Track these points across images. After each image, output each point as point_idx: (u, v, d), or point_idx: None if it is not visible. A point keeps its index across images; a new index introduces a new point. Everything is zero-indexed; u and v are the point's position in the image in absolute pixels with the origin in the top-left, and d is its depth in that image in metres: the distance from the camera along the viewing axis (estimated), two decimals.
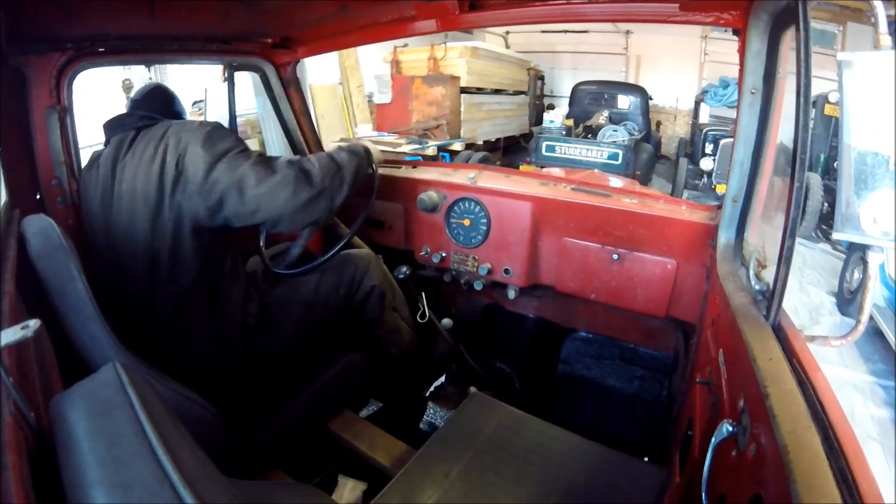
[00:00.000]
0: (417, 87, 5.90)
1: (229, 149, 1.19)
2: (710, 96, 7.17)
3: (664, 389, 1.80)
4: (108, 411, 0.61)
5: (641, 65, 9.08)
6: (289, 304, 1.42)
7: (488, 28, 8.55)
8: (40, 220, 0.99)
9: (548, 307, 2.10)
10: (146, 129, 1.25)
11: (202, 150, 1.17)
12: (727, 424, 0.75)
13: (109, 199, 1.21)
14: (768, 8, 1.03)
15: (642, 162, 5.84)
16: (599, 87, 7.16)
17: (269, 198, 1.17)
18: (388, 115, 5.95)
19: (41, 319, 0.60)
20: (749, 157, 1.20)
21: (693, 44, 8.32)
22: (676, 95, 8.64)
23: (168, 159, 1.17)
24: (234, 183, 1.16)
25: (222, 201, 1.17)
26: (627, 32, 8.83)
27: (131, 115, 1.30)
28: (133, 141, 1.23)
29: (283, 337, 1.39)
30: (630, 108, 6.93)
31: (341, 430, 1.57)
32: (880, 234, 0.66)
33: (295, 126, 2.04)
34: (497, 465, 1.15)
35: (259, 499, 0.82)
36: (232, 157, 1.19)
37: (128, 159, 1.21)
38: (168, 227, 1.18)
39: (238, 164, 1.18)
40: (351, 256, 1.61)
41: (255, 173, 1.17)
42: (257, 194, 1.16)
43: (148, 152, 1.19)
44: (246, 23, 1.61)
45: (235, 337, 1.29)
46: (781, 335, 0.80)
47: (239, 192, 1.16)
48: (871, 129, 0.66)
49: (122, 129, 1.27)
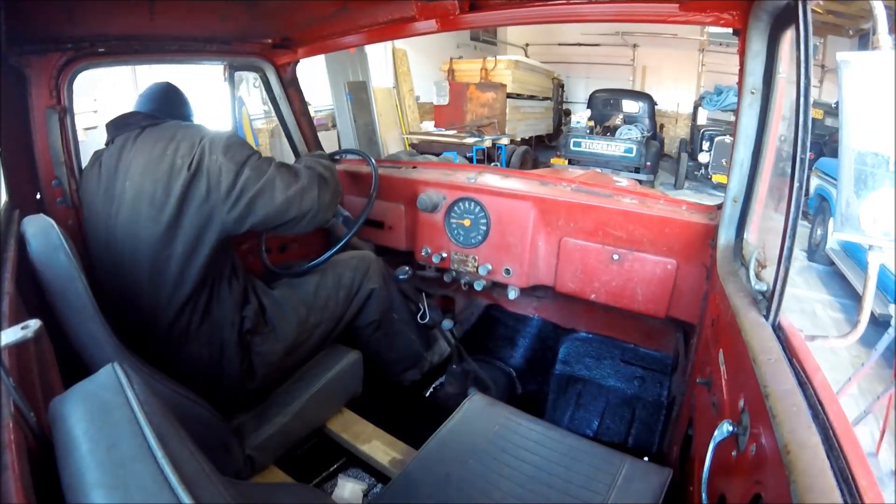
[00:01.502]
0: (472, 92, 7.14)
1: (250, 155, 1.23)
2: (706, 101, 8.11)
3: (664, 389, 1.80)
4: (107, 412, 0.61)
5: (647, 74, 10.29)
6: (287, 306, 1.41)
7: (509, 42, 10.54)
8: (40, 220, 0.99)
9: (548, 307, 2.10)
10: (151, 128, 1.23)
11: (224, 158, 1.18)
12: (727, 424, 0.75)
13: (111, 199, 1.20)
14: (768, 8, 1.03)
15: (652, 154, 7.04)
16: (613, 94, 8.45)
17: (298, 200, 1.27)
18: (446, 115, 7.08)
19: (41, 319, 0.60)
20: (749, 157, 1.20)
21: (692, 56, 9.49)
22: (677, 101, 9.82)
23: (179, 163, 1.16)
24: (263, 189, 1.21)
25: (252, 208, 1.20)
26: (634, 46, 10.00)
27: (136, 114, 1.28)
28: (137, 139, 1.22)
29: (281, 339, 1.38)
30: (639, 112, 8.13)
31: (341, 430, 1.57)
32: (880, 234, 0.66)
33: (295, 126, 2.04)
34: (497, 465, 1.15)
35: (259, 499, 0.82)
36: (255, 163, 1.22)
37: (133, 158, 1.19)
38: (189, 235, 1.17)
39: (263, 171, 1.23)
40: (351, 258, 1.60)
41: (281, 179, 1.24)
42: (287, 198, 1.24)
43: (156, 152, 1.18)
44: (246, 23, 1.61)
45: (230, 339, 1.28)
46: (781, 335, 0.80)
47: (270, 196, 1.22)
48: (870, 130, 0.66)
49: (126, 128, 1.25)
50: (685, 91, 9.71)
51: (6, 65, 1.17)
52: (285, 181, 1.25)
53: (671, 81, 9.92)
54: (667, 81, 9.96)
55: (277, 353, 1.37)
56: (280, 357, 1.38)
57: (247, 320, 1.32)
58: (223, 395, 1.28)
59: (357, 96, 6.48)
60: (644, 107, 8.16)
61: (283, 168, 1.28)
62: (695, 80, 9.64)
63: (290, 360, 1.42)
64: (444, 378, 1.94)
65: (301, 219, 1.29)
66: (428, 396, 1.93)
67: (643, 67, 10.29)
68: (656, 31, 9.43)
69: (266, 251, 1.67)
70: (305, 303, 1.45)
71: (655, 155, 7.18)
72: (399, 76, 7.50)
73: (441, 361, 1.92)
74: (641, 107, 8.16)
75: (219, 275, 1.28)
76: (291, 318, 1.40)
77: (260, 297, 1.39)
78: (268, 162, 1.26)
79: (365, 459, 1.51)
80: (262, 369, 1.34)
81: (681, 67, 9.72)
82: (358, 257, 1.62)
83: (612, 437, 1.74)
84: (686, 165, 7.41)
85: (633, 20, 1.44)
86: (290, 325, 1.40)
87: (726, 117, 7.46)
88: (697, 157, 7.03)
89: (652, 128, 8.05)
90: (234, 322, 1.29)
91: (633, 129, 7.53)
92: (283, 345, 1.38)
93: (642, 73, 10.32)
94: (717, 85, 8.40)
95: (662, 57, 9.86)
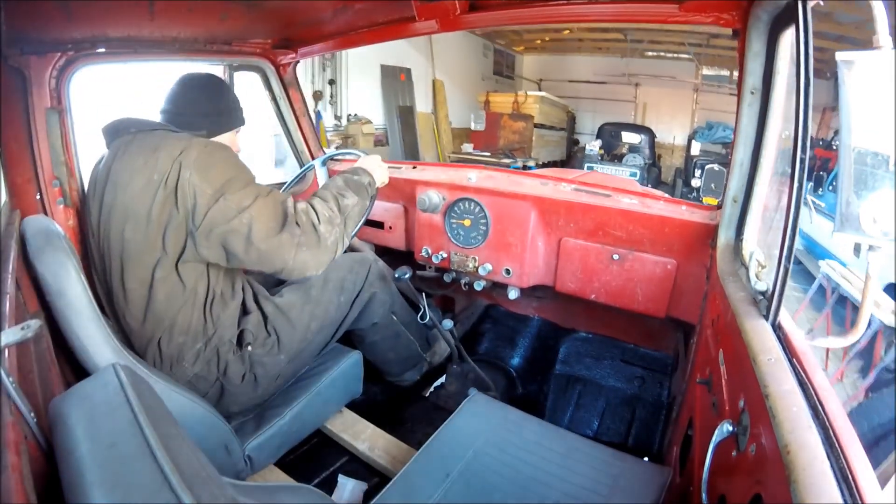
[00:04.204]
0: (505, 121, 8.61)
1: (231, 179, 1.07)
2: (699, 135, 9.52)
3: (664, 389, 1.80)
4: (107, 413, 0.61)
5: (647, 110, 11.61)
6: (289, 313, 1.37)
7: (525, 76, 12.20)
8: (40, 221, 1.00)
9: (548, 307, 2.10)
10: (143, 135, 1.15)
11: (200, 179, 1.04)
12: (727, 424, 0.75)
13: (101, 208, 1.14)
14: (768, 8, 1.03)
15: (652, 179, 8.45)
16: (619, 127, 9.84)
17: (273, 254, 1.08)
18: (481, 139, 8.56)
19: (41, 319, 0.60)
20: (749, 158, 1.20)
21: (687, 95, 10.91)
22: (674, 134, 11.16)
23: (155, 178, 1.05)
24: (236, 230, 1.05)
25: (226, 248, 1.07)
26: (637, 84, 11.47)
27: (126, 120, 1.19)
28: (128, 148, 1.13)
29: (284, 349, 1.33)
30: (641, 143, 9.41)
31: (341, 430, 1.57)
32: (880, 234, 0.66)
33: (295, 127, 2.04)
34: (497, 464, 1.15)
35: (258, 500, 0.82)
36: (236, 193, 1.06)
37: (120, 169, 1.11)
38: (172, 259, 1.09)
39: (243, 206, 1.06)
40: (352, 262, 1.56)
41: (261, 222, 1.06)
42: (263, 251, 1.07)
43: (137, 164, 1.09)
44: (246, 23, 1.61)
45: (230, 357, 1.23)
46: (781, 335, 0.80)
47: (244, 242, 1.06)
48: (870, 129, 0.66)
49: (117, 134, 1.17)
50: (681, 126, 11.04)
51: (6, 65, 1.18)
52: (266, 226, 1.06)
53: (668, 117, 11.24)
54: (665, 117, 11.29)
55: (280, 364, 1.33)
56: (283, 366, 1.35)
57: (247, 333, 1.27)
58: (225, 403, 1.26)
59: (405, 119, 7.79)
60: (645, 138, 9.44)
61: (270, 206, 1.08)
62: (689, 116, 10.97)
63: (291, 368, 1.39)
64: (444, 378, 1.94)
65: (288, 273, 1.13)
66: (428, 396, 1.93)
67: (644, 104, 11.60)
68: (656, 74, 10.94)
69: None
70: (307, 309, 1.41)
71: (655, 180, 8.57)
72: (437, 103, 8.85)
73: (441, 361, 1.92)
74: (643, 138, 9.44)
75: (213, 294, 1.18)
76: (294, 326, 1.36)
77: (261, 305, 1.34)
78: (252, 194, 1.07)
79: (365, 459, 1.51)
80: (264, 380, 1.30)
81: (677, 105, 11.07)
82: (358, 260, 1.59)
83: (612, 437, 1.74)
84: (681, 190, 8.57)
85: (633, 20, 1.43)
86: (292, 332, 1.35)
87: (716, 149, 9.09)
88: (690, 182, 8.15)
89: (652, 156, 9.39)
90: (233, 340, 1.24)
91: (637, 156, 8.89)
92: (286, 354, 1.34)
93: (643, 108, 11.63)
94: (708, 121, 9.93)
95: (661, 95, 11.22)
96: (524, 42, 11.68)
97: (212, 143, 1.14)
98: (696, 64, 10.47)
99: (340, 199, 1.23)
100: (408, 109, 7.93)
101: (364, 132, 6.82)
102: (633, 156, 8.93)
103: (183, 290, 1.13)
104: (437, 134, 8.71)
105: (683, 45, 9.72)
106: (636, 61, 11.08)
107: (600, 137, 9.60)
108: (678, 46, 10.00)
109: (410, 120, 7.96)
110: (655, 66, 10.99)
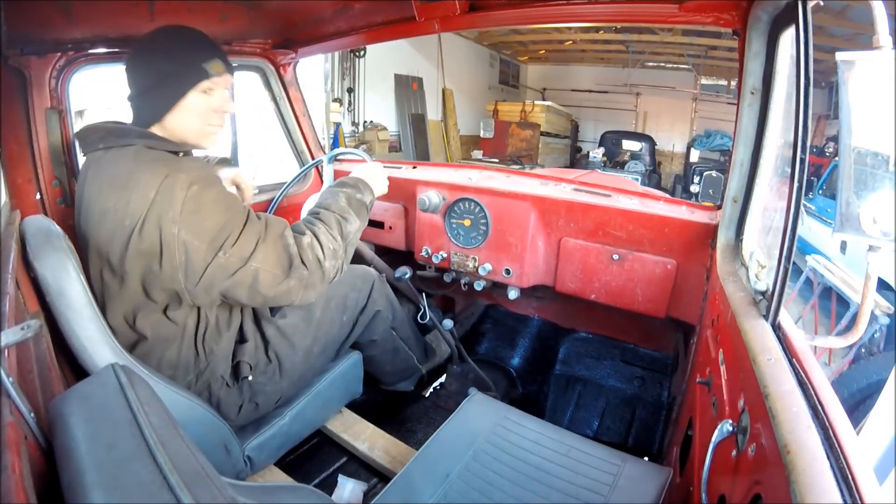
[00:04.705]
0: (513, 129, 9.19)
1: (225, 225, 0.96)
2: (697, 143, 9.92)
3: (664, 389, 1.80)
4: (107, 413, 0.61)
5: (647, 119, 11.93)
6: (292, 337, 1.31)
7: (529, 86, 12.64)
8: (40, 221, 0.99)
9: (548, 307, 2.10)
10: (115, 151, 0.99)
11: (190, 234, 0.93)
12: (727, 424, 0.75)
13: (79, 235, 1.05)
14: (767, 8, 1.03)
15: (653, 184, 8.59)
16: (621, 135, 10.20)
17: (280, 299, 1.03)
18: (490, 146, 9.09)
19: (41, 320, 0.60)
20: (749, 158, 1.20)
21: (686, 104, 11.22)
22: (673, 142, 11.48)
23: (127, 223, 0.93)
24: (241, 283, 0.98)
25: (229, 297, 1.02)
26: (637, 94, 11.78)
27: (96, 127, 1.02)
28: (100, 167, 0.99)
29: (286, 374, 1.30)
30: (642, 150, 9.79)
31: (341, 430, 1.57)
32: (880, 234, 0.66)
33: (295, 127, 2.04)
34: (497, 465, 1.15)
35: (258, 500, 0.82)
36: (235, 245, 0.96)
37: (92, 195, 0.99)
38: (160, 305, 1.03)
39: (244, 256, 0.97)
40: (354, 278, 1.51)
41: (266, 271, 0.99)
42: (268, 296, 1.01)
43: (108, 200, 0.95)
44: (246, 23, 1.61)
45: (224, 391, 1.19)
46: (781, 335, 0.79)
47: (249, 291, 0.99)
48: (871, 129, 0.66)
49: (88, 145, 1.03)
50: (680, 134, 11.38)
51: (6, 65, 1.18)
52: (272, 274, 0.99)
53: (668, 125, 11.59)
54: (665, 125, 11.63)
55: (282, 389, 1.30)
56: (284, 391, 1.32)
57: (243, 365, 1.20)
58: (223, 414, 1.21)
59: (417, 126, 8.16)
60: (646, 146, 9.79)
61: (273, 249, 0.99)
62: (688, 124, 11.29)
63: (293, 389, 1.36)
64: (444, 378, 1.94)
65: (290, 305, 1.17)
66: (428, 396, 1.93)
67: (644, 113, 11.93)
68: (657, 84, 11.28)
69: None
70: (310, 332, 1.35)
71: (655, 185, 8.80)
72: (447, 111, 9.23)
73: (441, 361, 1.92)
74: (644, 146, 9.79)
75: (206, 324, 1.11)
76: (295, 350, 1.31)
77: (262, 328, 1.27)
78: (253, 238, 0.97)
79: (365, 459, 1.51)
80: (265, 406, 1.28)
81: (676, 114, 11.38)
82: (360, 276, 1.54)
83: (612, 437, 1.74)
84: (680, 195, 8.84)
85: (632, 20, 1.44)
86: (293, 356, 1.30)
87: (714, 156, 9.51)
88: (690, 188, 8.45)
89: (652, 163, 9.75)
90: (225, 376, 1.18)
91: (638, 163, 9.27)
92: (288, 380, 1.30)
93: (644, 117, 11.95)
94: (706, 129, 10.32)
95: (661, 104, 11.54)
96: (528, 52, 11.98)
97: (193, 176, 0.95)
98: (694, 74, 10.80)
99: (343, 225, 1.14)
100: (419, 117, 8.28)
101: (380, 138, 7.09)
102: (635, 163, 9.29)
103: (173, 328, 1.06)
104: (447, 141, 9.09)
105: (683, 56, 10.01)
106: (637, 72, 11.33)
107: (603, 145, 9.99)
108: (678, 57, 10.29)
109: (422, 127, 8.31)
110: (656, 77, 11.31)
